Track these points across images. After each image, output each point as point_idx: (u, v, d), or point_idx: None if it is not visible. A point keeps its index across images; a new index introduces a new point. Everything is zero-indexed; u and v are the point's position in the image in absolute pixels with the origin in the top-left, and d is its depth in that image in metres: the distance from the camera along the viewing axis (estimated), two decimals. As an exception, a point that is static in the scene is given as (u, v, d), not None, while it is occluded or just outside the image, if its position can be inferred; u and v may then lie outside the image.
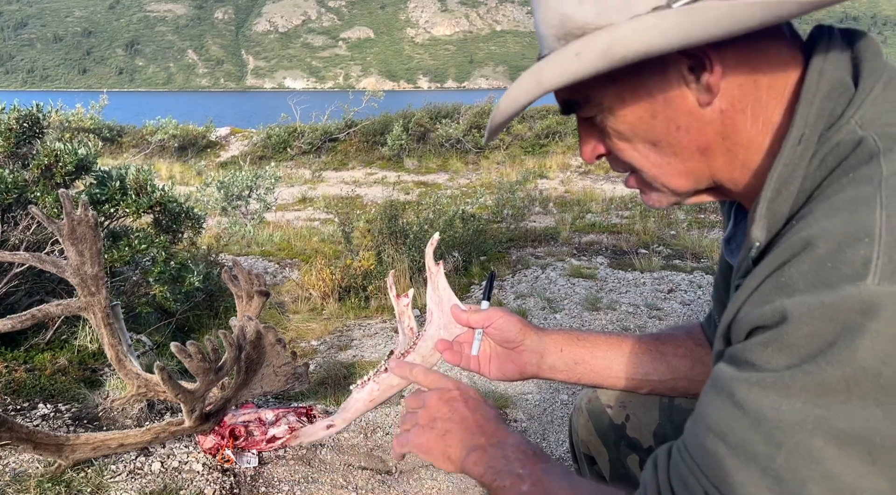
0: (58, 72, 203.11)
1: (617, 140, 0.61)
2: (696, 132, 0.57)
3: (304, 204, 8.47)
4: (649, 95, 0.56)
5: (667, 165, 0.60)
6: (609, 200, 7.27)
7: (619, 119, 0.59)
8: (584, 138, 0.66)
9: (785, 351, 0.43)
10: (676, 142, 0.58)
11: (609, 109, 0.59)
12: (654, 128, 0.58)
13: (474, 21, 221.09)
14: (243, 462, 1.75)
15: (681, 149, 0.58)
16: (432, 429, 0.72)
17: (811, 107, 0.52)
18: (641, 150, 0.60)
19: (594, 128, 0.63)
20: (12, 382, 1.95)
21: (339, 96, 13.53)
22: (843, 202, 0.46)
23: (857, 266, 0.42)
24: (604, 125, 0.61)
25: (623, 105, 0.58)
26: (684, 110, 0.56)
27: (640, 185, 0.65)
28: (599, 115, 0.61)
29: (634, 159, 0.61)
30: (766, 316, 0.45)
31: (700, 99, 0.55)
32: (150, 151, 11.99)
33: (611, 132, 0.61)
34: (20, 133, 2.60)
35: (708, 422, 0.48)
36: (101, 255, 1.54)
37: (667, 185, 0.62)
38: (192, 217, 2.89)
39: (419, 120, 11.41)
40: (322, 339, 3.37)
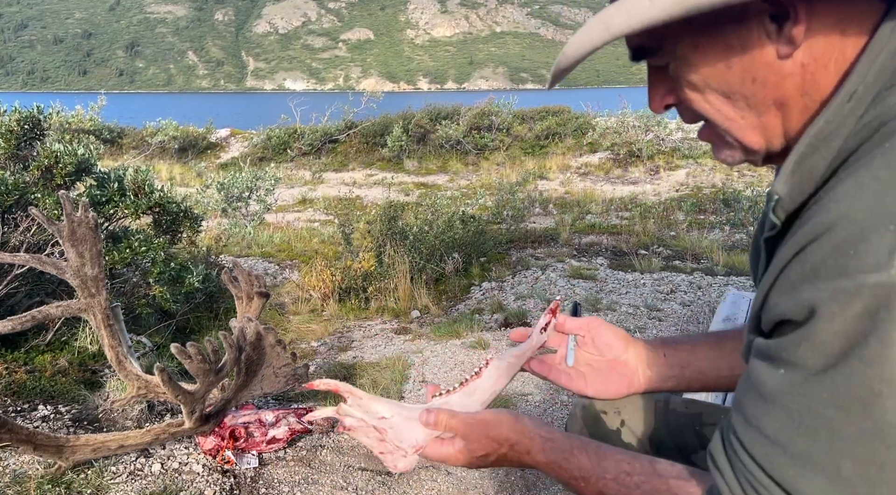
0: (58, 73, 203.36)
1: (689, 90, 0.57)
2: (773, 86, 0.53)
3: (304, 205, 8.47)
4: (726, 44, 0.53)
5: (740, 119, 0.56)
6: (609, 201, 7.28)
7: (692, 68, 0.55)
8: (653, 87, 0.61)
9: (818, 349, 0.42)
10: (752, 95, 0.54)
11: (682, 58, 0.55)
12: (729, 80, 0.54)
13: (474, 22, 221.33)
14: (243, 463, 1.76)
15: (756, 103, 0.54)
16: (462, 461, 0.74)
17: (872, 64, 0.49)
18: (713, 102, 0.56)
19: (665, 77, 0.59)
20: (12, 384, 1.95)
21: (339, 97, 13.54)
22: (870, 180, 0.43)
23: (881, 254, 0.40)
24: (676, 74, 0.57)
25: (697, 54, 0.54)
26: (762, 62, 0.52)
27: (712, 139, 0.61)
28: (672, 64, 0.57)
29: (706, 111, 0.57)
30: (793, 309, 0.44)
31: (780, 51, 0.51)
32: (150, 153, 12.00)
33: (683, 82, 0.57)
34: (21, 135, 2.61)
35: (767, 432, 0.46)
36: (101, 257, 1.54)
37: (739, 140, 0.58)
38: (191, 217, 2.90)
39: (419, 121, 11.42)
40: (322, 340, 3.37)
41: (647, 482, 0.63)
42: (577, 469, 0.67)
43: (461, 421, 0.73)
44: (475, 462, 0.73)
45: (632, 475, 0.64)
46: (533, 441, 0.70)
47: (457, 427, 0.73)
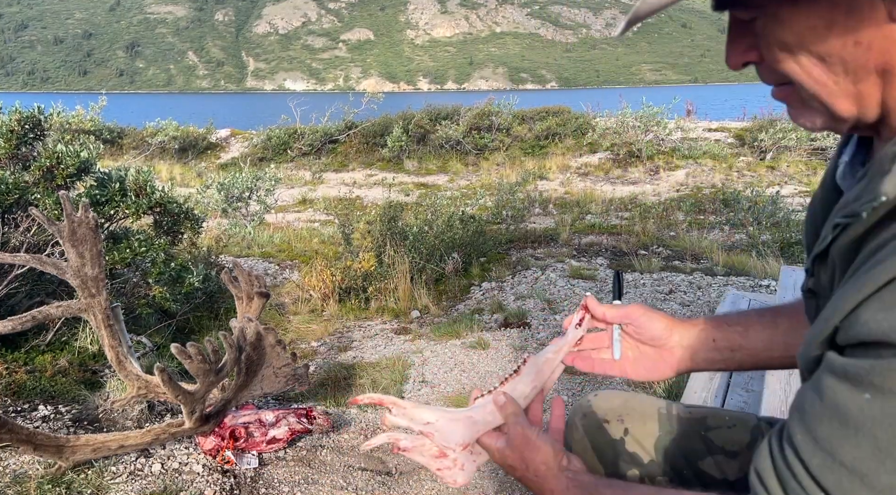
0: (58, 74, 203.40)
1: (778, 49, 0.51)
2: (879, 51, 0.47)
3: (304, 205, 8.47)
4: (830, 1, 0.47)
5: (833, 84, 0.50)
6: (609, 201, 7.28)
7: (785, 26, 0.49)
8: (733, 41, 0.55)
9: None
10: (852, 59, 0.48)
11: (775, 13, 0.50)
12: (828, 41, 0.48)
13: (474, 23, 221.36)
14: (243, 463, 1.76)
15: (856, 68, 0.48)
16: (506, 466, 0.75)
17: None
18: (805, 64, 0.50)
19: (749, 32, 0.53)
20: (13, 384, 1.95)
21: (339, 98, 13.55)
22: None
23: None
24: (765, 31, 0.51)
25: (795, 9, 0.49)
26: (871, 23, 0.46)
27: (791, 100, 0.55)
28: (762, 19, 0.51)
29: (794, 73, 0.51)
30: (892, 332, 0.40)
31: (893, 12, 0.46)
32: (150, 153, 12.00)
33: (772, 39, 0.51)
34: (21, 135, 2.61)
35: (844, 460, 0.43)
36: (101, 257, 1.54)
37: (829, 107, 0.52)
38: (192, 218, 2.90)
39: (419, 121, 11.42)
40: (322, 340, 3.37)
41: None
42: None
43: (513, 425, 0.74)
44: (506, 467, 0.75)
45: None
46: (559, 480, 0.70)
47: (509, 427, 0.75)
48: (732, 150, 9.95)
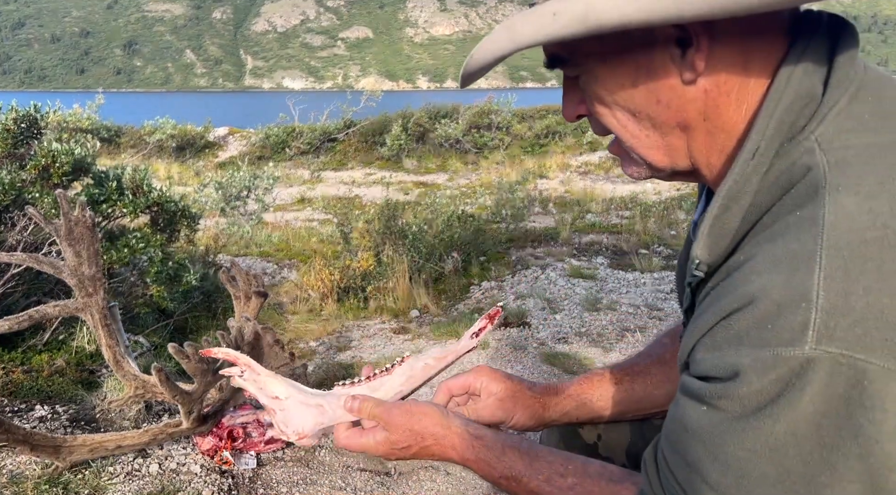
0: (55, 72, 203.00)
1: (597, 104, 0.59)
2: (677, 109, 0.55)
3: (302, 204, 8.46)
4: (634, 63, 0.54)
5: (644, 138, 0.58)
6: (609, 200, 7.27)
7: (600, 83, 0.57)
8: (567, 96, 0.63)
9: (737, 402, 0.47)
10: (656, 115, 0.56)
11: (591, 72, 0.57)
12: (634, 98, 0.56)
13: (473, 21, 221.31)
14: (241, 463, 1.75)
15: (660, 123, 0.56)
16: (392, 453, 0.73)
17: (770, 119, 0.51)
18: (620, 119, 0.58)
19: (578, 88, 0.61)
20: (9, 384, 1.94)
21: (337, 96, 13.53)
22: (785, 255, 0.47)
23: (795, 331, 0.44)
24: (586, 87, 0.59)
25: (606, 69, 0.56)
26: (667, 85, 0.54)
27: (620, 154, 0.63)
28: (582, 76, 0.58)
29: (613, 126, 0.59)
30: (718, 369, 0.48)
31: (684, 75, 0.53)
32: (147, 152, 11.97)
33: (592, 95, 0.59)
34: (18, 134, 2.59)
35: (687, 459, 0.51)
36: (98, 256, 1.53)
37: (643, 157, 0.60)
38: (188, 215, 2.89)
39: (418, 120, 11.40)
40: (321, 340, 3.36)
41: (580, 484, 0.64)
42: (507, 468, 0.67)
43: (386, 411, 0.72)
44: (396, 453, 0.72)
45: (565, 476, 0.64)
46: (461, 437, 0.69)
47: (380, 415, 0.72)
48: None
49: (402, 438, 0.71)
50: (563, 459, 0.66)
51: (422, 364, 0.77)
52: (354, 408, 0.73)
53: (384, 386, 0.76)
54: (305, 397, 0.74)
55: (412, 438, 0.70)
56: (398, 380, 0.76)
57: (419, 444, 0.71)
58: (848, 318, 0.43)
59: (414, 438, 0.70)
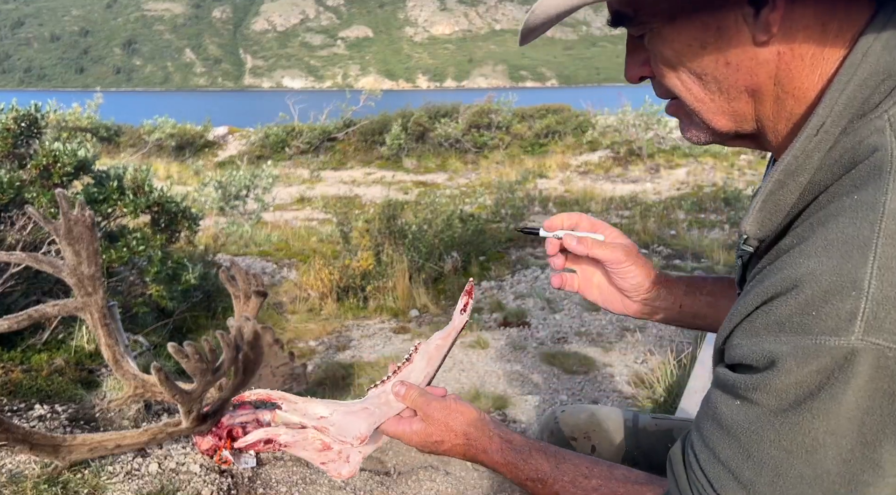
0: (55, 71, 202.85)
1: (662, 65, 0.56)
2: (747, 72, 0.52)
3: (302, 204, 8.46)
4: (702, 23, 0.51)
5: (709, 101, 0.55)
6: (609, 200, 7.28)
7: (667, 43, 0.54)
8: (630, 56, 0.60)
9: (773, 395, 0.45)
10: (724, 78, 0.53)
11: (658, 31, 0.54)
12: (703, 60, 0.53)
13: (473, 20, 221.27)
14: (241, 463, 1.75)
15: (728, 87, 0.53)
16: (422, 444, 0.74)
17: (841, 93, 0.48)
18: (685, 80, 0.55)
19: (642, 48, 0.58)
20: (9, 383, 1.94)
21: (337, 96, 13.53)
22: (837, 240, 0.44)
23: (842, 319, 0.42)
24: (651, 47, 0.56)
25: (673, 29, 0.53)
26: (738, 45, 0.51)
27: (679, 115, 0.60)
28: (647, 35, 0.56)
29: (677, 88, 0.56)
30: (755, 356, 0.46)
31: (756, 36, 0.50)
32: (147, 151, 11.97)
33: (657, 55, 0.56)
34: (18, 133, 2.59)
35: (720, 456, 0.49)
36: (97, 255, 1.53)
37: (706, 122, 0.57)
38: (189, 216, 2.89)
39: (418, 119, 11.40)
40: (320, 340, 3.36)
41: (604, 485, 0.63)
42: (534, 470, 0.67)
43: (426, 402, 0.73)
44: (429, 446, 0.73)
45: (590, 478, 0.64)
46: (492, 440, 0.70)
47: (422, 406, 0.73)
48: (734, 148, 9.95)
49: (437, 432, 0.72)
50: (589, 462, 0.66)
51: (433, 346, 0.81)
52: (401, 393, 0.74)
53: (412, 375, 0.79)
54: (347, 407, 0.75)
55: (447, 434, 0.71)
56: (420, 365, 0.79)
57: (451, 441, 0.71)
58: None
59: (448, 435, 0.71)
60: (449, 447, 0.72)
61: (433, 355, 0.80)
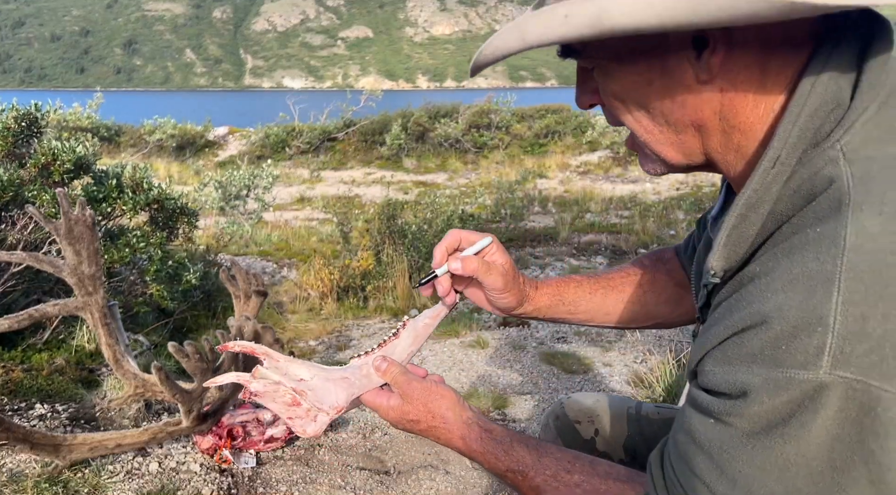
0: (55, 71, 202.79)
1: (612, 98, 0.58)
2: (692, 108, 0.54)
3: (302, 203, 8.46)
4: (647, 61, 0.54)
5: (658, 133, 0.57)
6: (608, 200, 7.28)
7: (614, 79, 0.56)
8: (580, 85, 0.62)
9: (746, 420, 0.47)
10: (670, 113, 0.55)
11: (604, 67, 0.57)
12: (649, 96, 0.55)
13: (473, 20, 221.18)
14: (241, 462, 1.75)
15: (674, 121, 0.56)
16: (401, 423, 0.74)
17: (794, 125, 0.50)
18: (635, 114, 0.57)
19: (591, 77, 0.60)
20: (9, 382, 1.94)
21: (337, 96, 13.54)
22: (803, 275, 0.46)
23: (810, 354, 0.43)
24: (600, 80, 0.58)
25: (620, 66, 0.55)
26: (682, 84, 0.53)
27: (637, 149, 0.62)
28: (596, 69, 0.58)
29: (627, 121, 0.59)
30: (728, 385, 0.48)
31: (699, 76, 0.52)
32: (147, 151, 11.97)
33: (605, 89, 0.58)
34: (18, 133, 2.60)
35: (695, 470, 0.51)
36: (98, 255, 1.53)
37: (657, 154, 0.59)
38: (187, 213, 2.89)
39: (418, 119, 11.40)
40: (320, 339, 3.36)
41: (586, 481, 0.63)
42: (515, 462, 0.66)
43: (407, 381, 0.72)
44: (404, 423, 0.73)
45: (571, 473, 0.64)
46: (471, 428, 0.70)
47: (402, 384, 0.72)
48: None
49: (414, 411, 0.72)
50: (572, 456, 0.66)
51: (422, 323, 0.80)
52: (382, 368, 0.74)
53: (397, 349, 0.78)
54: (329, 373, 0.75)
55: (424, 415, 0.71)
56: (406, 342, 0.79)
57: (428, 423, 0.71)
58: (864, 344, 0.42)
59: (425, 415, 0.71)
60: (424, 428, 0.72)
61: (420, 333, 0.80)
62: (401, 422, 0.73)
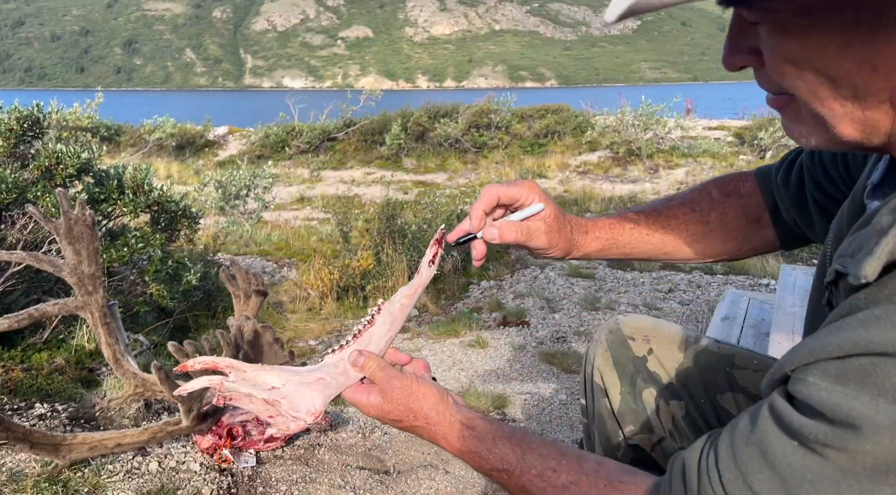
0: (55, 70, 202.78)
1: (783, 60, 0.47)
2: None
3: (302, 203, 8.47)
4: (851, 19, 0.43)
5: (839, 107, 0.46)
6: (608, 200, 7.28)
7: (795, 38, 0.45)
8: (735, 40, 0.50)
9: (849, 456, 0.41)
10: (864, 85, 0.44)
11: (783, 22, 0.45)
12: (841, 62, 0.44)
13: (473, 20, 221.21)
14: (241, 461, 1.75)
15: (867, 94, 0.45)
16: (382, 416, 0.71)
17: None
18: (811, 82, 0.46)
19: (752, 34, 0.48)
20: (9, 382, 1.94)
21: (337, 95, 13.54)
22: None
23: None
24: (771, 39, 0.47)
25: (808, 23, 0.44)
26: (892, 50, 0.43)
27: (788, 111, 0.51)
28: (769, 25, 0.46)
29: (797, 88, 0.47)
30: (834, 410, 0.41)
31: None
32: (147, 150, 11.97)
33: (776, 50, 0.47)
34: (20, 133, 2.60)
35: (753, 487, 0.45)
36: (98, 254, 1.53)
37: (831, 128, 0.48)
38: (189, 215, 2.89)
39: (418, 119, 11.41)
40: (320, 339, 3.37)
41: (575, 484, 0.59)
42: (498, 460, 0.64)
43: (386, 379, 0.69)
44: (386, 421, 0.71)
45: (558, 473, 0.60)
46: (452, 426, 0.67)
47: (380, 382, 0.69)
48: (732, 149, 9.96)
49: (394, 410, 0.69)
50: (557, 453, 0.62)
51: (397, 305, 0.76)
52: (359, 363, 0.71)
53: (373, 338, 0.74)
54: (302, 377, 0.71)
55: (405, 414, 0.69)
56: (383, 328, 0.75)
57: (410, 422, 0.69)
58: None
59: (406, 415, 0.69)
60: (407, 426, 0.70)
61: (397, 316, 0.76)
62: (383, 420, 0.71)
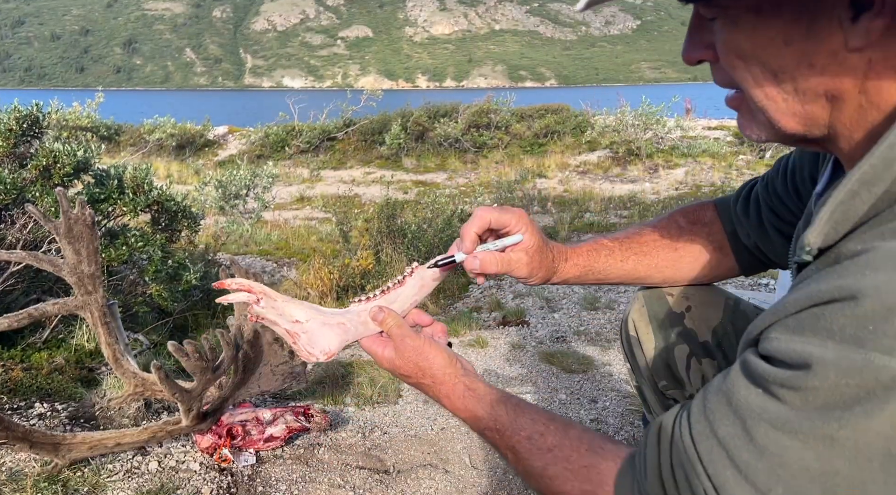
0: (55, 70, 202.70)
1: (733, 55, 0.51)
2: (831, 76, 0.47)
3: (301, 203, 8.47)
4: (792, 18, 0.47)
5: (781, 101, 0.51)
6: (607, 200, 7.28)
7: (744, 33, 0.49)
8: (693, 36, 0.55)
9: (800, 395, 0.43)
10: (803, 79, 0.48)
11: (734, 18, 0.50)
12: (783, 57, 0.48)
13: (473, 20, 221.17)
14: (241, 461, 1.75)
15: (805, 89, 0.49)
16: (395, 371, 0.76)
17: None
18: (757, 76, 0.50)
19: (708, 31, 0.53)
20: (9, 381, 1.94)
21: (337, 95, 13.53)
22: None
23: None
24: (723, 33, 0.51)
25: (757, 19, 0.48)
26: (827, 48, 0.46)
27: (741, 109, 0.56)
28: (722, 20, 0.51)
29: (745, 81, 0.52)
30: (791, 354, 0.44)
31: (850, 41, 0.46)
32: (147, 150, 11.97)
33: (727, 44, 0.51)
34: (19, 133, 2.60)
35: (718, 432, 0.48)
36: (97, 254, 1.53)
37: (773, 122, 0.52)
38: (189, 216, 2.89)
39: (418, 119, 11.41)
40: (320, 339, 3.37)
41: (558, 447, 0.62)
42: (493, 421, 0.67)
43: (400, 337, 0.73)
44: (396, 374, 0.75)
45: (545, 436, 0.64)
46: (455, 387, 0.71)
47: (396, 339, 0.74)
48: (732, 149, 9.96)
49: (404, 366, 0.73)
50: (547, 419, 0.66)
51: (430, 274, 0.78)
52: (379, 318, 0.75)
53: (400, 298, 0.77)
54: (326, 317, 0.74)
55: (414, 371, 0.73)
56: (411, 291, 0.78)
57: (417, 378, 0.73)
58: None
59: (415, 372, 0.73)
60: (415, 382, 0.74)
61: (427, 283, 0.78)
62: (394, 373, 0.75)
